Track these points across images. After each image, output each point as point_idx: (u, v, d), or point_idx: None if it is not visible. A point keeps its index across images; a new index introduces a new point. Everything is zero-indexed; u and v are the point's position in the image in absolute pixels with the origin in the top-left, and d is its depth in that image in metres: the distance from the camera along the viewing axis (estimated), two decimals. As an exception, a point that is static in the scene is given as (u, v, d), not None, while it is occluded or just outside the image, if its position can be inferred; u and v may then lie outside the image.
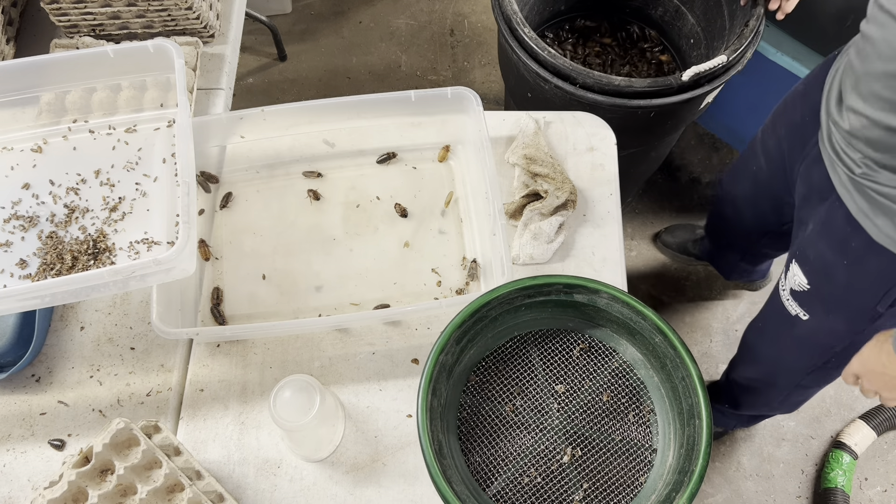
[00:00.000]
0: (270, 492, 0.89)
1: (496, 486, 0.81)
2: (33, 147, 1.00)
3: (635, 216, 1.98)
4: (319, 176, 1.06)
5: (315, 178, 1.06)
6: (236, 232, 1.05)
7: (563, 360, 0.89)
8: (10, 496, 0.89)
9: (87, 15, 1.18)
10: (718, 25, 1.50)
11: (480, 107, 1.01)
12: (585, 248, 1.05)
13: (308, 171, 1.08)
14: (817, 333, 1.12)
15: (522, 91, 1.46)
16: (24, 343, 0.95)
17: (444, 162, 1.10)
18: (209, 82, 1.22)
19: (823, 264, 1.02)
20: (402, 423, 0.93)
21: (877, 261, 0.92)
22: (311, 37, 2.29)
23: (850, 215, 0.92)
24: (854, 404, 1.72)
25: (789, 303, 1.12)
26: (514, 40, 1.36)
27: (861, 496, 1.62)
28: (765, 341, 1.29)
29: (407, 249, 1.04)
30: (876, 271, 0.94)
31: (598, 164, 1.11)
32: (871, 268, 0.95)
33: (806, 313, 1.10)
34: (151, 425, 0.84)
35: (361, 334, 0.99)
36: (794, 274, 1.09)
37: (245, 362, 0.97)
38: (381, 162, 1.10)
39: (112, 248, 0.91)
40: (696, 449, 0.76)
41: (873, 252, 0.92)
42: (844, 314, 1.05)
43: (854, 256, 0.95)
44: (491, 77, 2.20)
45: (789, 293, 1.12)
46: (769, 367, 1.31)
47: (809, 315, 1.10)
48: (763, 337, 1.29)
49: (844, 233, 0.94)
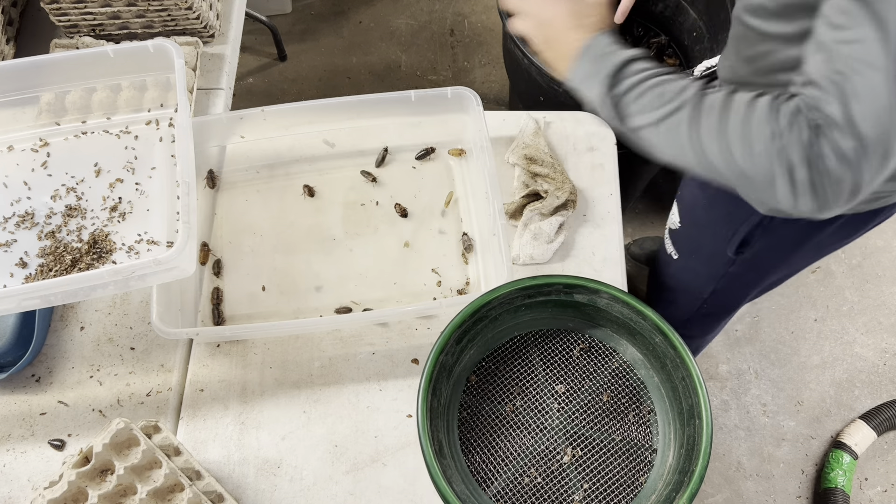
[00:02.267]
0: (270, 492, 0.89)
1: (496, 486, 0.81)
2: (33, 147, 1.00)
3: (635, 216, 1.98)
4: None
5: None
6: (236, 232, 1.05)
7: (563, 360, 0.89)
8: (10, 496, 0.89)
9: (87, 15, 1.18)
10: (721, 18, 1.50)
11: (480, 107, 1.01)
12: (585, 248, 1.05)
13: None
14: (684, 273, 1.18)
15: (534, 95, 1.45)
16: (24, 343, 0.95)
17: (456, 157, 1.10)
18: (209, 82, 1.22)
19: (692, 203, 1.07)
20: (402, 423, 0.93)
21: (726, 201, 0.96)
22: (311, 37, 2.29)
23: None
24: (854, 404, 1.72)
25: (666, 241, 1.19)
26: (524, 43, 1.35)
27: (861, 496, 1.62)
28: (654, 281, 1.36)
29: (407, 249, 1.04)
30: (725, 212, 0.98)
31: (598, 164, 1.11)
32: (721, 208, 0.98)
33: (676, 252, 1.16)
34: (151, 425, 0.84)
35: (361, 334, 0.99)
36: (673, 212, 1.14)
37: (245, 362, 0.97)
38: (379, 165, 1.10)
39: (112, 249, 0.91)
40: (696, 449, 0.75)
41: (724, 191, 0.91)
42: (703, 255, 1.10)
43: (711, 196, 1.00)
44: (491, 77, 2.20)
45: (667, 232, 1.18)
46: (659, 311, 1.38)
47: (678, 254, 1.16)
48: (654, 278, 1.36)
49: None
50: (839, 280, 1.89)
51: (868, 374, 1.76)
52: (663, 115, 0.66)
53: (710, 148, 0.63)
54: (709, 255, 1.08)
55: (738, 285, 1.13)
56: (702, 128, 0.63)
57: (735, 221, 0.97)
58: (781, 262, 1.05)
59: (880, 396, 1.72)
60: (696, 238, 1.10)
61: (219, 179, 1.09)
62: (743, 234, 0.98)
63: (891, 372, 1.76)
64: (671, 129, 0.66)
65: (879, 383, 1.75)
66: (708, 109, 0.63)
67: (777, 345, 1.79)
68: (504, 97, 2.15)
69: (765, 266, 1.06)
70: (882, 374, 1.76)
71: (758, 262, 1.04)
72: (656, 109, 0.66)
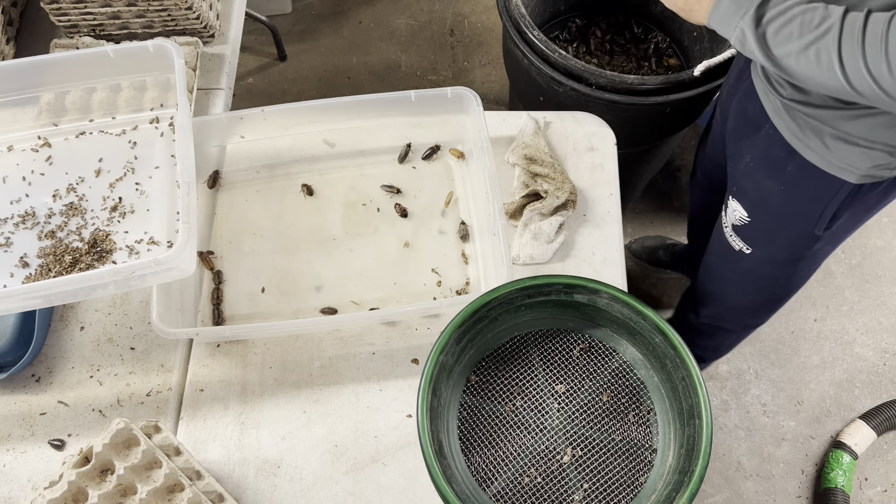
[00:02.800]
0: (270, 492, 0.89)
1: (496, 486, 0.81)
2: (33, 147, 1.00)
3: (635, 216, 1.98)
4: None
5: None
6: (236, 232, 1.05)
7: (563, 360, 0.89)
8: (10, 496, 0.89)
9: (87, 15, 1.18)
10: (722, 19, 1.50)
11: (480, 107, 1.01)
12: (585, 248, 1.05)
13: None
14: (761, 265, 1.15)
15: (534, 95, 1.45)
16: (24, 343, 0.95)
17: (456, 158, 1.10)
18: (209, 82, 1.22)
19: (761, 194, 1.04)
20: (402, 423, 0.93)
21: (811, 182, 0.95)
22: (311, 37, 2.29)
23: (784, 140, 0.95)
24: (854, 404, 1.72)
25: (732, 238, 1.15)
26: (525, 44, 1.35)
27: (861, 496, 1.62)
28: (714, 280, 1.33)
29: (407, 249, 1.04)
30: (811, 192, 0.97)
31: (598, 164, 1.11)
32: (806, 189, 0.97)
33: (749, 247, 1.13)
34: (151, 425, 0.84)
35: (361, 334, 0.99)
36: (733, 210, 1.12)
37: (245, 362, 0.97)
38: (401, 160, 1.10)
39: (112, 248, 0.91)
40: (696, 449, 0.76)
41: (807, 173, 0.94)
42: (784, 241, 1.08)
43: (790, 181, 0.98)
44: (491, 77, 2.20)
45: (731, 229, 1.15)
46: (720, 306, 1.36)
47: (752, 248, 1.13)
48: (712, 275, 1.32)
49: (780, 158, 0.97)
50: (839, 280, 1.89)
51: (868, 374, 1.76)
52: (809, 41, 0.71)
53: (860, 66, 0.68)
54: (791, 240, 1.07)
55: (815, 262, 1.13)
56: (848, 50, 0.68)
57: (824, 198, 0.96)
58: (855, 228, 1.05)
59: (880, 396, 1.73)
60: (773, 227, 1.08)
61: (219, 179, 1.09)
62: (834, 209, 0.97)
63: (891, 372, 1.76)
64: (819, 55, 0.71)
65: (879, 383, 1.75)
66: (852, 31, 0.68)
67: (777, 345, 1.79)
68: (504, 97, 2.15)
69: (841, 236, 1.06)
70: (882, 374, 1.76)
71: (837, 234, 1.04)
72: (802, 37, 0.72)
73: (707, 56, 1.52)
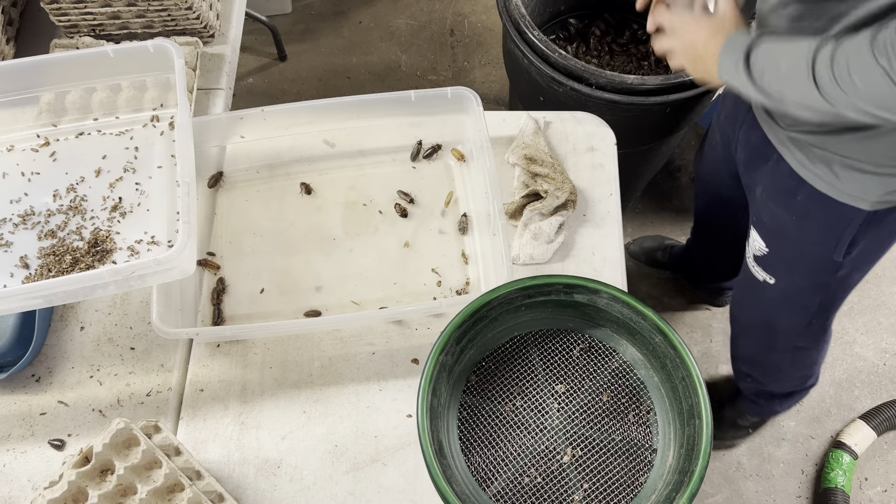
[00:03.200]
0: (270, 492, 0.89)
1: (496, 486, 0.81)
2: (33, 147, 1.00)
3: (635, 216, 1.98)
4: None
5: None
6: (236, 232, 1.05)
7: (563, 360, 0.89)
8: (10, 496, 0.89)
9: (87, 15, 1.18)
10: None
11: (480, 107, 1.01)
12: (585, 248, 1.05)
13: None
14: (788, 294, 1.13)
15: (534, 95, 1.45)
16: (24, 343, 0.95)
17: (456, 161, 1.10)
18: (209, 82, 1.22)
19: (776, 224, 1.04)
20: (402, 423, 0.93)
21: (822, 211, 0.94)
22: (311, 37, 2.29)
23: (791, 170, 0.94)
24: (854, 404, 1.72)
25: (755, 269, 1.14)
26: (525, 44, 1.35)
27: (861, 496, 1.62)
28: (744, 311, 1.32)
29: (407, 249, 1.04)
30: (824, 221, 0.96)
31: (598, 164, 1.11)
32: (818, 219, 0.96)
33: (771, 276, 1.11)
34: (151, 425, 0.84)
35: (361, 334, 0.99)
36: (754, 240, 1.10)
37: (245, 362, 0.97)
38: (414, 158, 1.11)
39: (112, 248, 0.91)
40: (696, 449, 0.76)
41: (817, 202, 0.93)
42: (805, 270, 1.06)
43: (801, 210, 0.97)
44: (491, 77, 2.20)
45: (753, 260, 1.13)
46: (759, 334, 1.32)
47: (775, 278, 1.11)
48: (742, 307, 1.32)
49: (789, 188, 0.96)
50: (839, 280, 1.88)
51: (868, 374, 1.76)
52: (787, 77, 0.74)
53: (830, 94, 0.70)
54: (813, 269, 1.05)
55: (845, 288, 1.10)
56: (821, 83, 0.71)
57: (839, 226, 0.95)
58: (881, 252, 1.03)
59: (880, 396, 1.72)
60: (793, 256, 1.05)
61: (221, 180, 1.09)
62: (851, 236, 0.96)
63: (891, 372, 1.76)
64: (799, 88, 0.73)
65: (879, 383, 1.75)
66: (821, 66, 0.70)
67: (777, 345, 1.79)
68: (504, 97, 2.15)
69: (867, 261, 1.04)
70: (882, 374, 1.76)
71: (861, 259, 1.02)
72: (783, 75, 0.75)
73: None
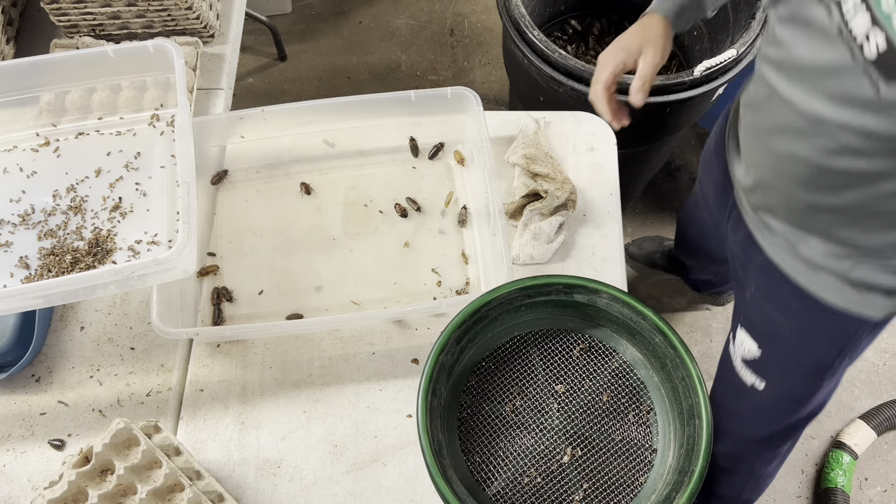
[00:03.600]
0: (270, 492, 0.89)
1: (496, 486, 0.81)
2: (33, 147, 1.00)
3: (635, 216, 1.98)
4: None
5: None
6: (236, 232, 1.05)
7: (563, 360, 0.89)
8: (10, 496, 0.89)
9: (87, 15, 1.18)
10: (721, 19, 1.50)
11: (480, 107, 1.01)
12: (585, 248, 1.05)
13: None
14: (778, 400, 1.02)
15: (534, 95, 1.45)
16: (24, 343, 0.95)
17: (457, 163, 1.10)
18: (209, 82, 1.22)
19: (772, 327, 0.94)
20: (402, 423, 0.93)
21: (825, 320, 0.86)
22: (311, 37, 2.29)
23: (786, 276, 0.86)
24: (854, 404, 1.72)
25: (743, 372, 1.02)
26: (525, 44, 1.35)
27: (861, 496, 1.62)
28: (723, 414, 1.10)
29: (407, 249, 1.04)
30: (827, 330, 0.88)
31: (598, 164, 1.11)
32: (820, 328, 0.88)
33: (762, 380, 1.00)
34: (151, 425, 0.84)
35: (361, 334, 0.99)
36: (741, 341, 1.00)
37: (245, 362, 0.97)
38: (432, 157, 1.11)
39: (112, 248, 0.91)
40: (696, 449, 0.76)
41: (818, 311, 0.85)
42: (803, 376, 0.96)
43: (799, 318, 0.88)
44: (491, 77, 2.20)
45: (741, 362, 1.02)
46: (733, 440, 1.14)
47: (766, 382, 0.99)
48: (722, 410, 1.10)
49: (785, 293, 0.87)
50: (839, 280, 1.88)
51: (868, 374, 1.76)
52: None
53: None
54: (811, 374, 0.95)
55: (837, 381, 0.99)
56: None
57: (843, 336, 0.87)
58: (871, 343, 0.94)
59: (880, 396, 1.72)
60: (791, 361, 0.95)
61: (224, 178, 1.09)
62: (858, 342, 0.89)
63: (891, 372, 1.76)
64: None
65: (879, 383, 1.75)
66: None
67: (777, 345, 1.79)
68: (504, 97, 2.15)
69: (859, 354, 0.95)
70: (882, 374, 1.76)
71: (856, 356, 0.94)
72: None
73: (707, 56, 1.52)
